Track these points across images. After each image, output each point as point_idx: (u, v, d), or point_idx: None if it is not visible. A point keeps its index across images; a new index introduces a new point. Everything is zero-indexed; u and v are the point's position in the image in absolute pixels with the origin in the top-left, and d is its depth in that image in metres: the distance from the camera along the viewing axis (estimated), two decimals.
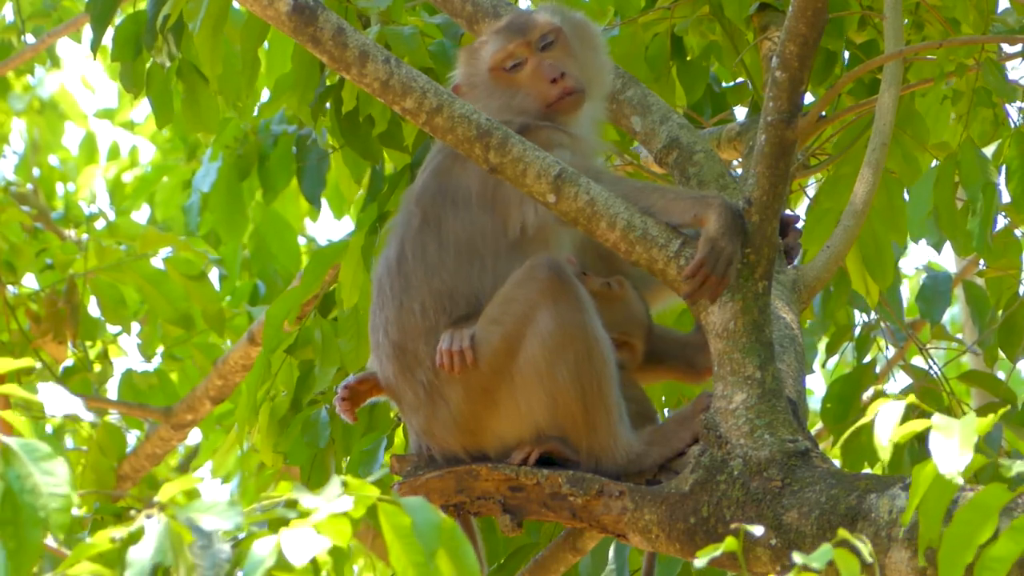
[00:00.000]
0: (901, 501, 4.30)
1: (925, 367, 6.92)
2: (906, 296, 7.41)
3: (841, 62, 6.43)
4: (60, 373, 8.87)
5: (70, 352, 8.85)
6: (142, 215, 11.21)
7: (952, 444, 3.51)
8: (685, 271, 4.64)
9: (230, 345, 9.25)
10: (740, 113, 6.72)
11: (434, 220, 4.94)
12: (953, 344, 7.65)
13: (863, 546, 3.35)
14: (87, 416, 3.48)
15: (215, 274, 9.56)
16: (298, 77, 6.34)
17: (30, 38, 10.00)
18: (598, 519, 4.70)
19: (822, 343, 7.21)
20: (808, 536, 4.41)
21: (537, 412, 4.79)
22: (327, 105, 6.38)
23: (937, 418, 3.57)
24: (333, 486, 3.37)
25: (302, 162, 7.70)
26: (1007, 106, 6.19)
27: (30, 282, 9.08)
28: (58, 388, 3.47)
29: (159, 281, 8.69)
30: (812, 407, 8.86)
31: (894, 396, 3.68)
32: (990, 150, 6.06)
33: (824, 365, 9.85)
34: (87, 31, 10.07)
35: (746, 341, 4.63)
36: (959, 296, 9.16)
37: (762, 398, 4.61)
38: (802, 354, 5.07)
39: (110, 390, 9.32)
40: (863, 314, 7.12)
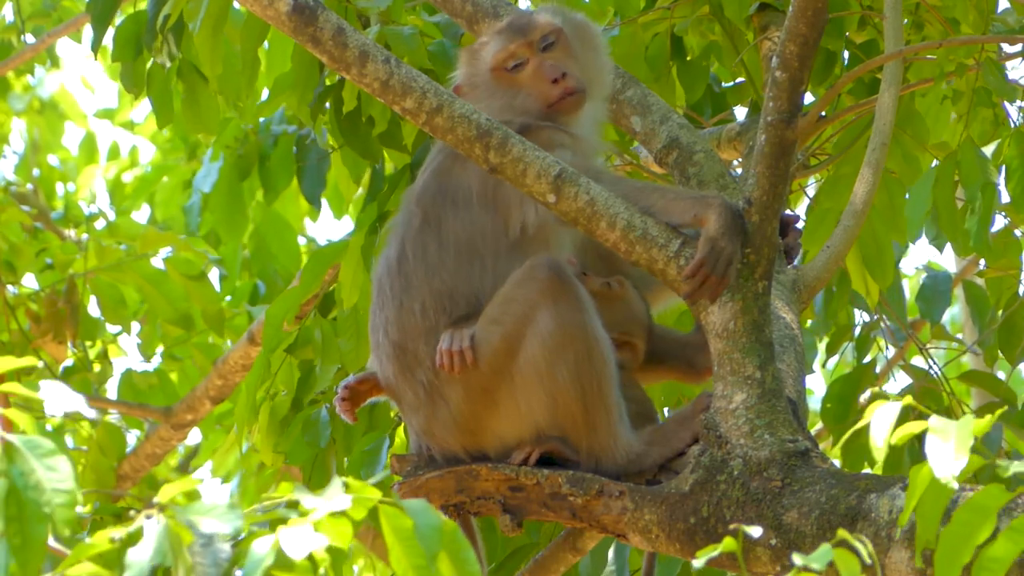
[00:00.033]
0: (901, 501, 4.30)
1: (925, 367, 6.92)
2: (906, 296, 7.40)
3: (841, 62, 6.43)
4: (60, 373, 8.86)
5: (70, 352, 8.84)
6: (142, 215, 11.21)
7: (948, 447, 3.50)
8: (685, 271, 4.64)
9: (230, 345, 9.25)
10: (740, 113, 6.72)
11: (434, 220, 4.94)
12: (953, 344, 7.64)
13: (862, 547, 3.34)
14: (89, 413, 3.48)
15: (215, 274, 9.55)
16: (298, 77, 6.34)
17: (30, 38, 10.00)
18: (598, 519, 4.70)
19: (822, 343, 7.20)
20: (808, 536, 4.41)
21: (537, 412, 4.79)
22: (327, 105, 6.38)
23: (934, 420, 3.56)
24: (334, 487, 3.37)
25: (302, 162, 7.70)
26: (1007, 105, 6.19)
27: (30, 282, 9.09)
28: (60, 386, 3.47)
29: (159, 281, 8.69)
30: (812, 407, 8.86)
31: (893, 396, 3.68)
32: (990, 149, 6.05)
33: (824, 365, 9.85)
34: (87, 31, 10.08)
35: (746, 341, 4.63)
36: (959, 296, 9.15)
37: (762, 398, 4.61)
38: (802, 354, 5.07)
39: (110, 390, 9.33)
40: (863, 314, 7.11)
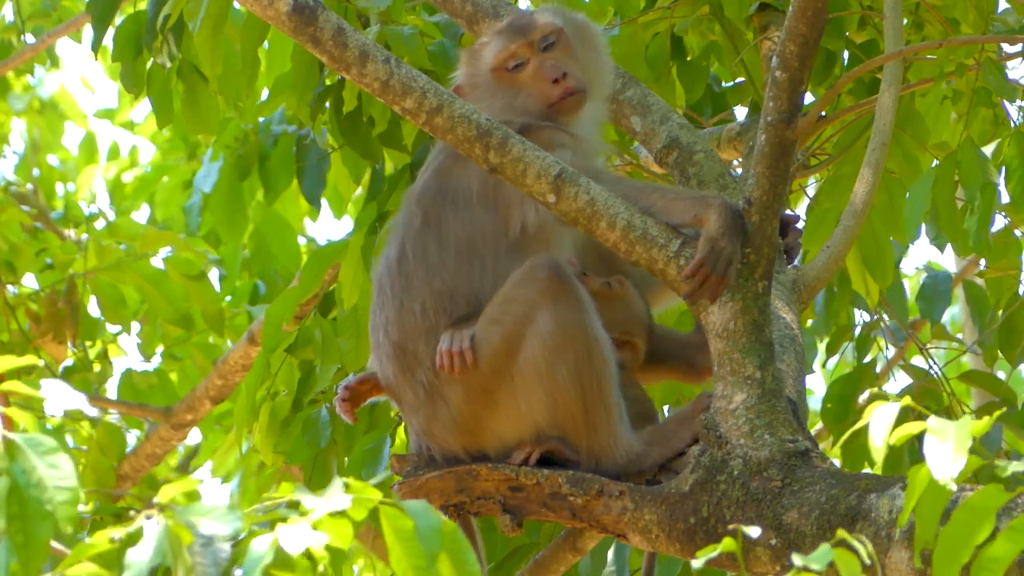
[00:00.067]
0: (901, 501, 4.30)
1: (925, 367, 6.92)
2: (907, 296, 7.40)
3: (841, 62, 6.43)
4: (60, 373, 8.86)
5: (70, 352, 8.84)
6: (142, 215, 11.21)
7: (946, 449, 3.50)
8: (685, 271, 4.64)
9: (230, 345, 9.25)
10: (740, 113, 6.72)
11: (435, 220, 4.94)
12: (953, 344, 7.64)
13: (862, 547, 3.34)
14: (91, 411, 3.49)
15: (215, 274, 9.55)
16: (298, 77, 6.34)
17: (30, 38, 10.00)
18: (598, 519, 4.70)
19: (822, 343, 7.20)
20: (808, 536, 4.40)
21: (537, 412, 4.79)
22: (327, 104, 6.38)
23: (932, 421, 3.56)
24: (335, 488, 3.37)
25: (302, 162, 7.70)
26: (1007, 105, 6.18)
27: (30, 282, 9.08)
28: (61, 384, 3.48)
29: (159, 281, 8.69)
30: (812, 407, 8.86)
31: (892, 397, 3.68)
32: (989, 149, 6.05)
33: (824, 365, 9.85)
34: (87, 31, 10.08)
35: (746, 341, 4.63)
36: (959, 296, 9.15)
37: (762, 398, 4.60)
38: (802, 354, 5.07)
39: (110, 390, 9.33)
40: (863, 314, 7.11)
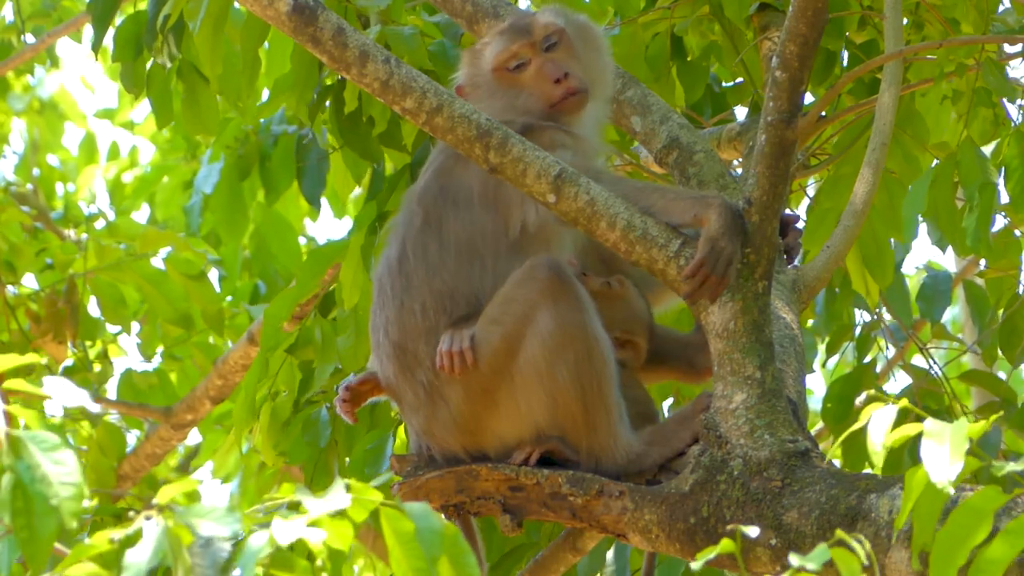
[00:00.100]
0: (901, 501, 4.30)
1: (925, 367, 6.92)
2: (909, 296, 7.39)
3: (841, 62, 6.43)
4: (60, 373, 8.86)
5: (70, 352, 8.84)
6: (142, 215, 11.21)
7: (943, 451, 3.50)
8: (685, 271, 4.64)
9: (230, 345, 9.25)
10: (740, 113, 6.72)
11: (435, 220, 4.94)
12: (953, 344, 7.64)
13: (860, 547, 3.34)
14: (94, 408, 3.50)
15: (215, 274, 9.55)
16: (298, 77, 6.34)
17: (30, 38, 10.00)
18: (598, 519, 4.70)
19: (822, 343, 7.20)
20: (808, 536, 4.40)
21: (537, 412, 4.79)
22: (327, 104, 6.38)
23: (929, 424, 3.56)
24: (337, 489, 3.37)
25: (302, 162, 7.70)
26: (1006, 103, 6.18)
27: (30, 282, 9.08)
28: (64, 381, 3.49)
29: (159, 281, 8.68)
30: (812, 407, 8.86)
31: (891, 397, 3.67)
32: (989, 149, 6.05)
33: (824, 365, 9.85)
34: (87, 31, 10.09)
35: (746, 341, 4.63)
36: (959, 296, 9.15)
37: (762, 398, 4.60)
38: (802, 354, 5.07)
39: (110, 390, 9.33)
40: (864, 313, 7.11)
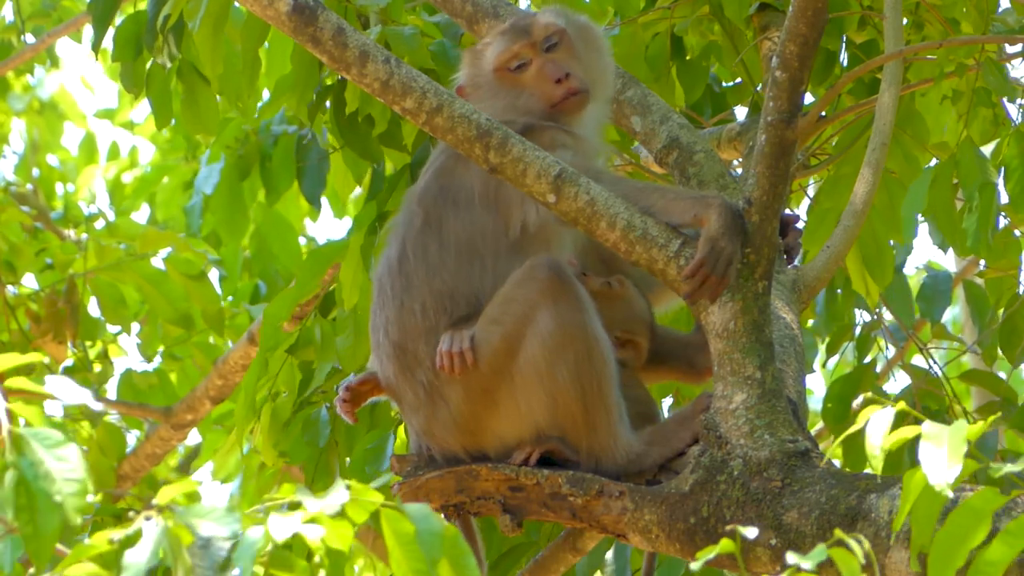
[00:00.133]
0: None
1: (925, 367, 6.91)
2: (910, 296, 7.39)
3: (840, 62, 6.43)
4: (60, 373, 8.86)
5: (70, 352, 8.84)
6: (142, 215, 11.21)
7: (941, 454, 3.49)
8: (685, 271, 4.64)
9: (230, 345, 9.25)
10: (740, 113, 6.72)
11: (436, 220, 4.94)
12: (953, 344, 7.64)
13: (858, 547, 3.34)
14: (97, 406, 3.50)
15: (215, 274, 9.55)
16: (298, 77, 6.33)
17: (30, 38, 10.00)
18: (598, 519, 4.70)
19: (823, 343, 7.20)
20: (808, 536, 4.40)
21: (537, 412, 4.79)
22: (327, 104, 6.38)
23: (927, 426, 3.56)
24: (338, 490, 3.37)
25: (302, 162, 7.70)
26: (1006, 103, 6.18)
27: (30, 282, 9.08)
28: (65, 381, 3.49)
29: (159, 281, 8.68)
30: (812, 407, 8.85)
31: (890, 397, 3.67)
32: (989, 149, 6.05)
33: (824, 365, 9.85)
34: (87, 31, 10.08)
35: (746, 341, 4.63)
36: (959, 296, 9.15)
37: (762, 398, 4.60)
38: (802, 354, 5.07)
39: (110, 390, 9.33)
40: (864, 313, 7.10)
